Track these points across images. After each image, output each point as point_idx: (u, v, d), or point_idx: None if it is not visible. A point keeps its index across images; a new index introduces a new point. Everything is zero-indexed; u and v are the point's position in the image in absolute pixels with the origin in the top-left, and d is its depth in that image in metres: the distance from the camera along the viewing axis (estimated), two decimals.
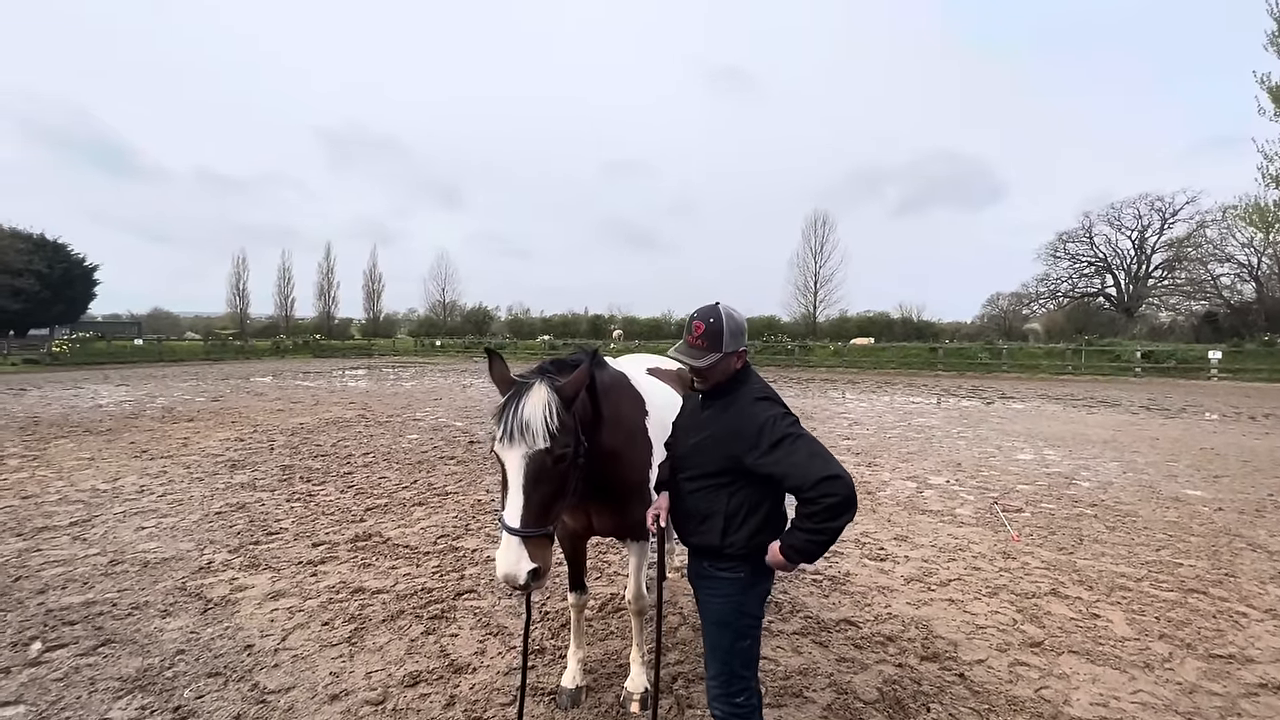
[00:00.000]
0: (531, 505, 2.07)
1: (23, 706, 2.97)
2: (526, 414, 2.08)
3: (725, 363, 2.13)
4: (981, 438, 10.91)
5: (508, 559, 2.02)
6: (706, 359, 2.09)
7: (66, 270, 43.40)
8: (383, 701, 3.05)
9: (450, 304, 63.58)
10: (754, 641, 2.10)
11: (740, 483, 2.06)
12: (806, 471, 1.88)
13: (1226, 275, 41.53)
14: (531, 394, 2.13)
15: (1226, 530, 5.78)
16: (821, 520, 1.87)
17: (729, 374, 2.16)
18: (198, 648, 3.55)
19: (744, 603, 2.08)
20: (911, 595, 4.34)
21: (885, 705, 3.06)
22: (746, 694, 2.09)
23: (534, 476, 2.07)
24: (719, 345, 2.10)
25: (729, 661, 2.11)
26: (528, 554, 2.03)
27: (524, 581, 2.02)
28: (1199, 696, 3.14)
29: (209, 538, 5.38)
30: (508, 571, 2.02)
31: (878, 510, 6.41)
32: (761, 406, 2.04)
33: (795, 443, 1.93)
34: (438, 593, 4.30)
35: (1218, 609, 4.13)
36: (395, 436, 10.53)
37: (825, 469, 1.86)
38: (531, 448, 2.06)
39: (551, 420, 2.08)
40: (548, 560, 2.10)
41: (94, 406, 14.29)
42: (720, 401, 2.16)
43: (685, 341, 2.16)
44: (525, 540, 2.04)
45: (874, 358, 33.84)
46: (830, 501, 1.84)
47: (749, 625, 2.08)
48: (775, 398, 2.10)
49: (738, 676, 2.09)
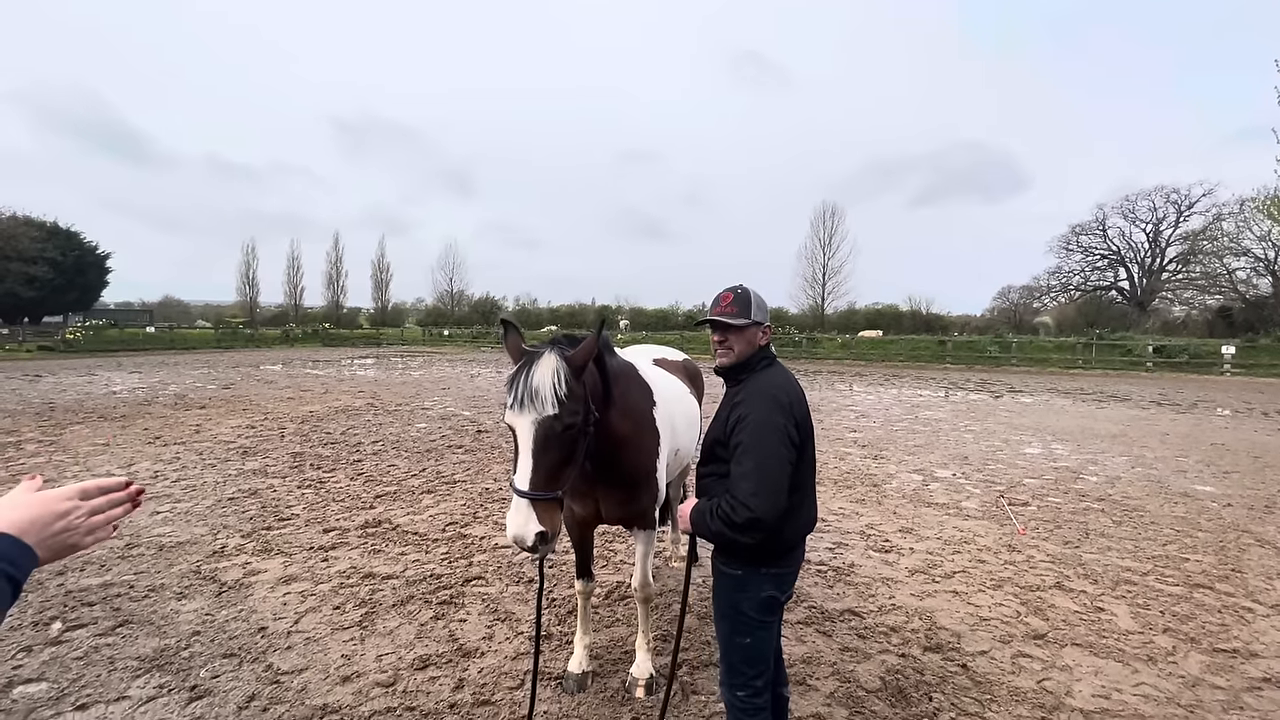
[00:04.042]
0: (540, 470, 2.12)
1: (45, 683, 3.05)
2: (536, 382, 2.13)
3: (752, 333, 2.16)
4: (989, 431, 10.88)
5: (516, 521, 2.09)
6: (739, 319, 2.14)
7: (79, 258, 43.75)
8: (393, 683, 3.12)
9: (458, 294, 63.77)
10: (755, 641, 2.09)
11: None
12: (736, 484, 1.94)
13: (1242, 269, 40.94)
14: (541, 363, 2.18)
15: (1235, 526, 5.75)
16: (721, 521, 1.94)
17: (753, 348, 2.18)
18: (213, 629, 3.63)
19: (739, 601, 2.08)
20: (916, 587, 4.37)
21: (888, 694, 3.09)
22: (747, 693, 2.08)
23: (543, 442, 2.13)
24: (748, 312, 2.15)
25: (729, 654, 2.14)
26: (535, 517, 2.09)
27: (532, 543, 2.08)
28: (1201, 690, 3.16)
29: (222, 523, 5.47)
30: (516, 533, 2.08)
31: (883, 503, 6.43)
32: (753, 405, 2.02)
33: (745, 455, 1.96)
34: (446, 579, 4.36)
35: (1223, 604, 4.13)
36: (404, 425, 10.63)
37: (748, 493, 1.90)
38: (541, 414, 2.12)
39: (560, 387, 2.13)
40: (556, 524, 2.16)
41: (108, 393, 14.48)
42: (733, 389, 2.18)
43: (712, 313, 2.21)
44: (534, 503, 2.10)
45: (882, 350, 33.69)
46: (732, 516, 1.91)
47: (745, 624, 2.08)
48: (781, 402, 2.03)
49: (738, 670, 2.11)
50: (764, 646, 2.12)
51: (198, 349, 34.50)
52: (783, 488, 1.93)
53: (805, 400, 2.17)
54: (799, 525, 2.12)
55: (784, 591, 2.13)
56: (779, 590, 2.10)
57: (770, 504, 1.88)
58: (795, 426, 2.03)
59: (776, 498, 1.90)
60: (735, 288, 2.21)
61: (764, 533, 1.90)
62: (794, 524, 2.09)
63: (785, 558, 2.11)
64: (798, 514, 2.09)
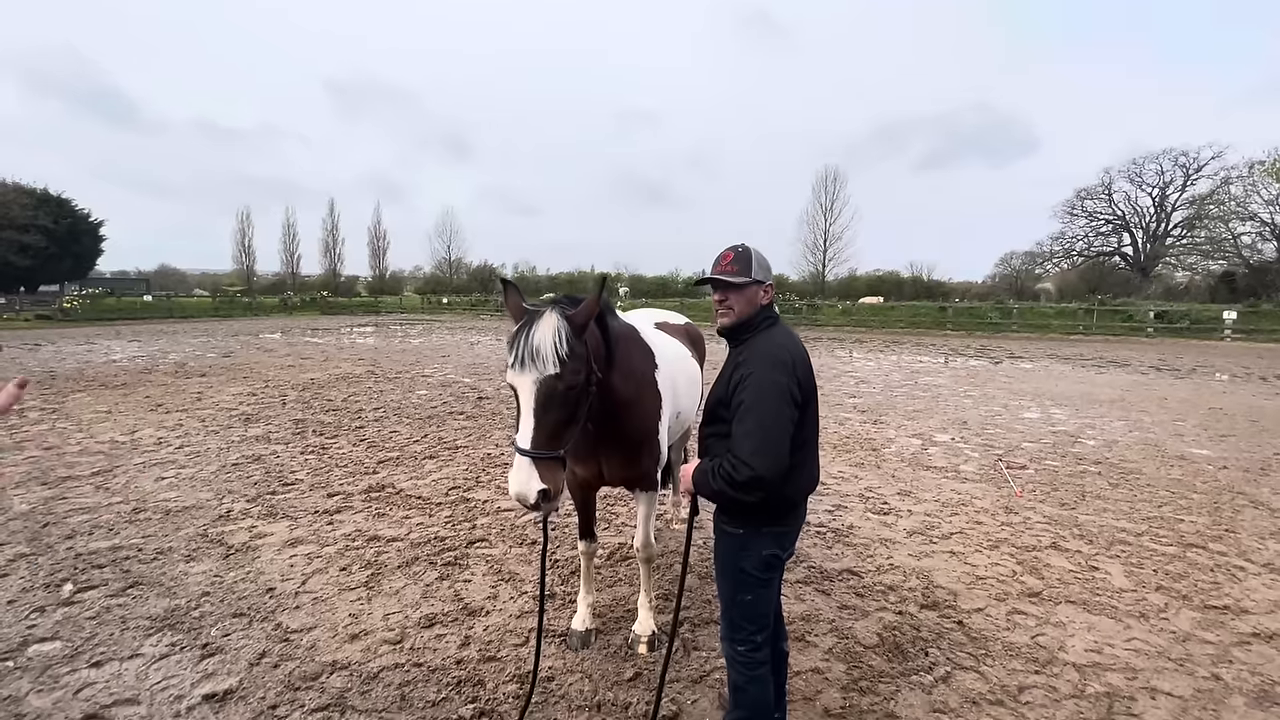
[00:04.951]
0: (542, 429, 2.13)
1: (59, 642, 3.12)
2: (537, 341, 2.12)
3: (753, 291, 2.15)
4: (988, 396, 10.91)
5: (518, 478, 2.10)
6: (739, 278, 2.12)
7: (72, 225, 43.24)
8: (401, 641, 3.18)
9: (456, 261, 63.35)
10: (756, 599, 2.12)
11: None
12: (738, 443, 1.93)
13: (1247, 234, 40.60)
14: (543, 322, 2.16)
15: (1230, 488, 5.81)
16: (724, 480, 1.94)
17: (754, 307, 2.16)
18: (222, 590, 3.69)
19: (740, 559, 2.10)
20: (913, 547, 4.43)
21: (884, 649, 3.16)
22: (748, 647, 2.12)
23: (544, 402, 2.13)
24: (748, 270, 2.13)
25: (730, 610, 2.17)
26: (538, 475, 2.10)
27: (534, 501, 2.09)
28: (1192, 645, 3.23)
29: (227, 488, 5.52)
30: (519, 491, 2.10)
31: (882, 466, 6.48)
32: (755, 365, 2.01)
33: (747, 414, 1.94)
34: (451, 541, 4.42)
35: (1215, 563, 4.19)
36: (405, 392, 10.65)
37: (749, 451, 1.89)
38: (542, 373, 2.11)
39: (561, 347, 2.12)
40: (558, 483, 2.17)
41: (108, 361, 14.48)
42: (736, 349, 2.17)
43: (713, 272, 2.18)
44: (536, 462, 2.11)
45: (882, 317, 33.61)
46: (734, 475, 1.90)
47: (746, 581, 2.10)
48: (783, 360, 2.02)
49: (739, 626, 2.14)
50: (765, 603, 2.15)
51: (196, 318, 34.38)
52: (785, 446, 1.93)
53: (809, 359, 2.15)
54: (801, 484, 2.13)
55: (785, 550, 2.15)
56: (780, 549, 2.12)
57: (772, 462, 1.88)
58: (798, 385, 2.02)
59: (778, 456, 1.90)
60: (736, 246, 2.18)
61: (765, 491, 1.90)
62: (796, 483, 2.09)
63: (787, 517, 2.12)
64: (799, 473, 2.09)
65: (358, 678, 2.88)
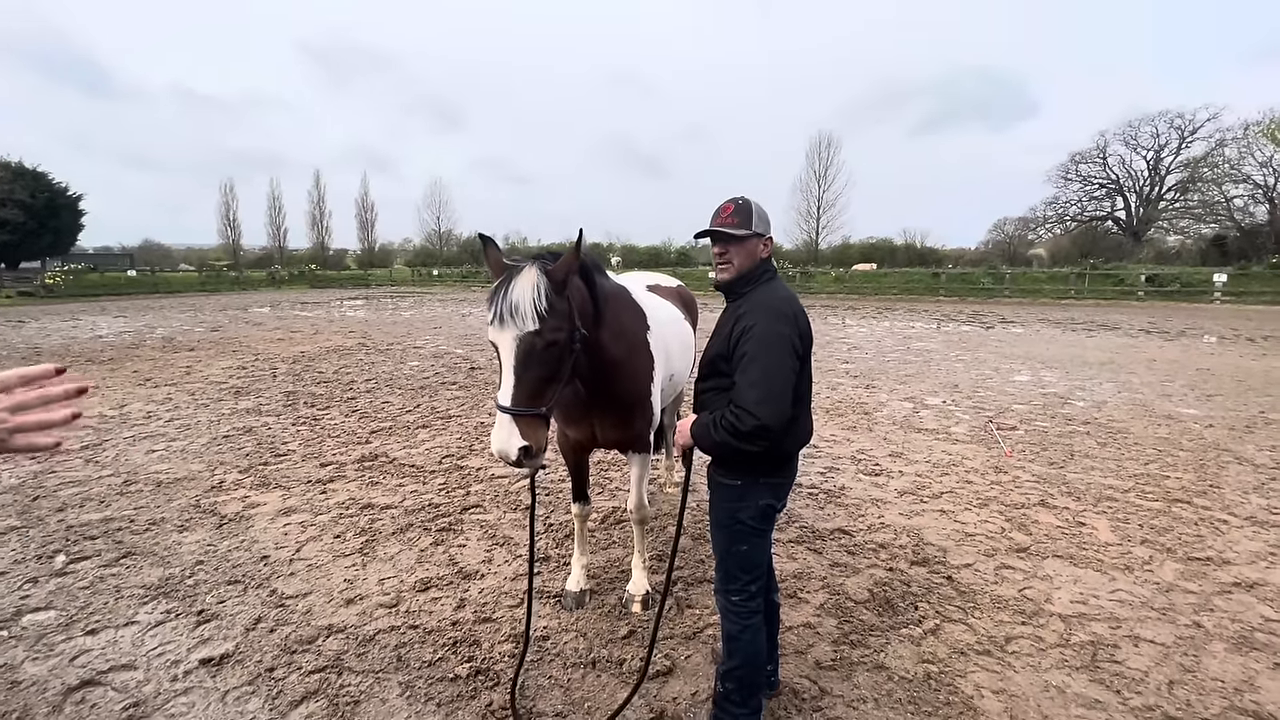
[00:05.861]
0: (523, 386, 2.10)
1: (54, 611, 3.12)
2: (515, 297, 2.08)
3: (753, 245, 2.13)
4: (979, 360, 10.97)
5: (500, 436, 2.08)
6: (740, 230, 2.10)
7: (50, 199, 42.12)
8: (396, 604, 3.20)
9: (446, 233, 62.50)
10: (752, 549, 2.16)
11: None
12: (742, 393, 1.93)
13: (1240, 197, 40.52)
14: (521, 277, 2.12)
15: (1215, 445, 5.89)
16: (727, 431, 1.94)
17: (754, 260, 2.14)
18: (215, 558, 3.69)
19: (737, 510, 2.13)
20: (904, 507, 4.48)
21: (875, 604, 3.21)
22: (742, 596, 2.17)
23: (524, 359, 2.10)
24: (749, 223, 2.10)
25: (725, 561, 2.21)
26: (519, 432, 2.08)
27: (515, 457, 2.07)
28: (1174, 594, 3.30)
29: (219, 459, 5.50)
30: (500, 447, 2.08)
31: (874, 429, 6.52)
32: (758, 316, 2.01)
33: (751, 364, 1.94)
34: (445, 508, 4.43)
35: (1200, 517, 4.27)
36: (396, 363, 10.58)
37: (754, 400, 1.88)
38: (521, 330, 2.08)
39: (540, 302, 2.08)
40: (540, 440, 2.15)
41: (94, 337, 14.29)
42: (735, 303, 2.16)
43: (712, 224, 2.16)
44: (516, 419, 2.09)
45: (875, 284, 33.54)
46: (738, 425, 1.90)
47: (742, 532, 2.14)
48: (785, 313, 2.02)
49: (734, 576, 2.18)
50: (760, 553, 2.20)
51: (182, 293, 33.86)
52: (788, 397, 1.93)
53: (807, 314, 2.15)
54: (798, 436, 2.16)
55: (780, 501, 2.19)
56: (776, 499, 2.16)
57: (776, 411, 1.89)
58: (799, 338, 2.04)
59: (782, 406, 1.91)
60: (736, 198, 2.15)
61: (769, 440, 1.91)
62: (794, 435, 2.12)
63: (783, 468, 2.17)
64: (797, 425, 2.12)
65: (354, 640, 2.90)
